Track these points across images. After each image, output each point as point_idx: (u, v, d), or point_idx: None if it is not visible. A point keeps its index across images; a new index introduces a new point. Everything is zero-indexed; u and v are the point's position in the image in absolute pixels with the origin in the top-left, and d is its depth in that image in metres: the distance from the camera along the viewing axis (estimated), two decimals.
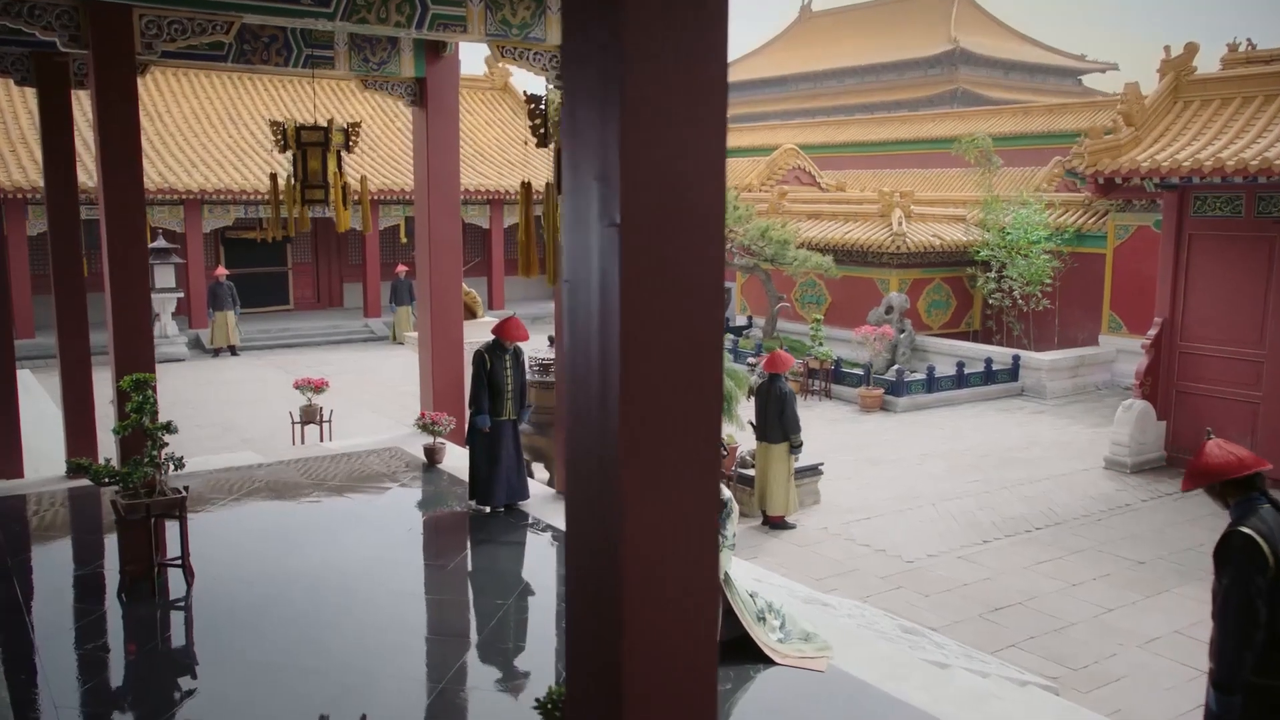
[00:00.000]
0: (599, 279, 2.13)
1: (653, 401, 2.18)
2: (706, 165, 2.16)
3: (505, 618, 6.84)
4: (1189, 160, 11.76)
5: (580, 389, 2.24)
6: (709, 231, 2.19)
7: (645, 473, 2.19)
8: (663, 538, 2.25)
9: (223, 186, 22.59)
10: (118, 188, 7.19)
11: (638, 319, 2.11)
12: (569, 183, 2.20)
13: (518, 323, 8.93)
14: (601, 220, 2.11)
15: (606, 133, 2.06)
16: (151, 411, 6.97)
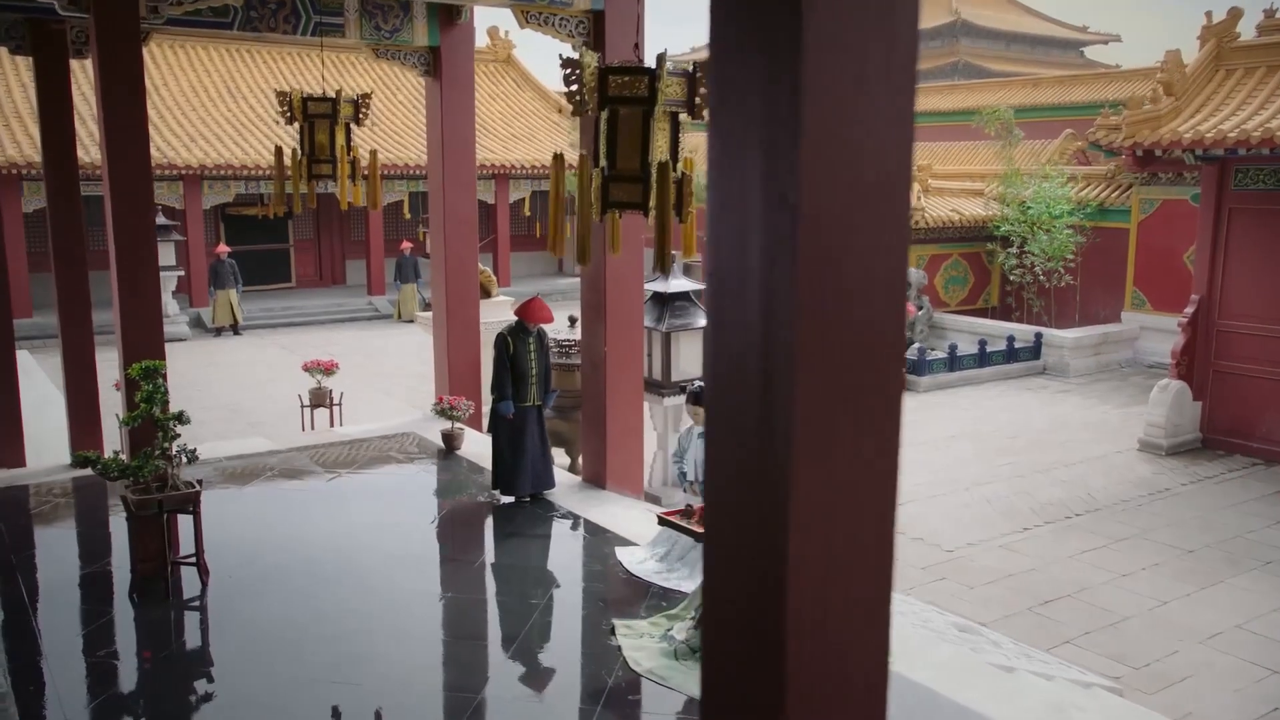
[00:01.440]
0: (762, 268, 1.70)
1: (829, 416, 1.76)
2: (896, 131, 1.73)
3: (540, 619, 6.45)
4: (1234, 131, 11.30)
5: (730, 400, 1.81)
6: (895, 212, 1.76)
7: (817, 508, 1.77)
8: (835, 578, 1.83)
9: (223, 162, 22.07)
10: (123, 163, 6.73)
11: (815, 319, 1.69)
12: (717, 154, 1.76)
13: (541, 303, 8.51)
14: (768, 199, 1.68)
15: (778, 91, 1.63)
16: (162, 401, 6.56)
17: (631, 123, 5.00)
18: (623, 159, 5.05)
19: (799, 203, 1.63)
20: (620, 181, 5.09)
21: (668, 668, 5.70)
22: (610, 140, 5.03)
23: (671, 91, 4.81)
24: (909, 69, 1.72)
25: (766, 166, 1.67)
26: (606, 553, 7.45)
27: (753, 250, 1.72)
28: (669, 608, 6.49)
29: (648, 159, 5.00)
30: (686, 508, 5.92)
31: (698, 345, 9.67)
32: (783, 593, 1.78)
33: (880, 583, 1.93)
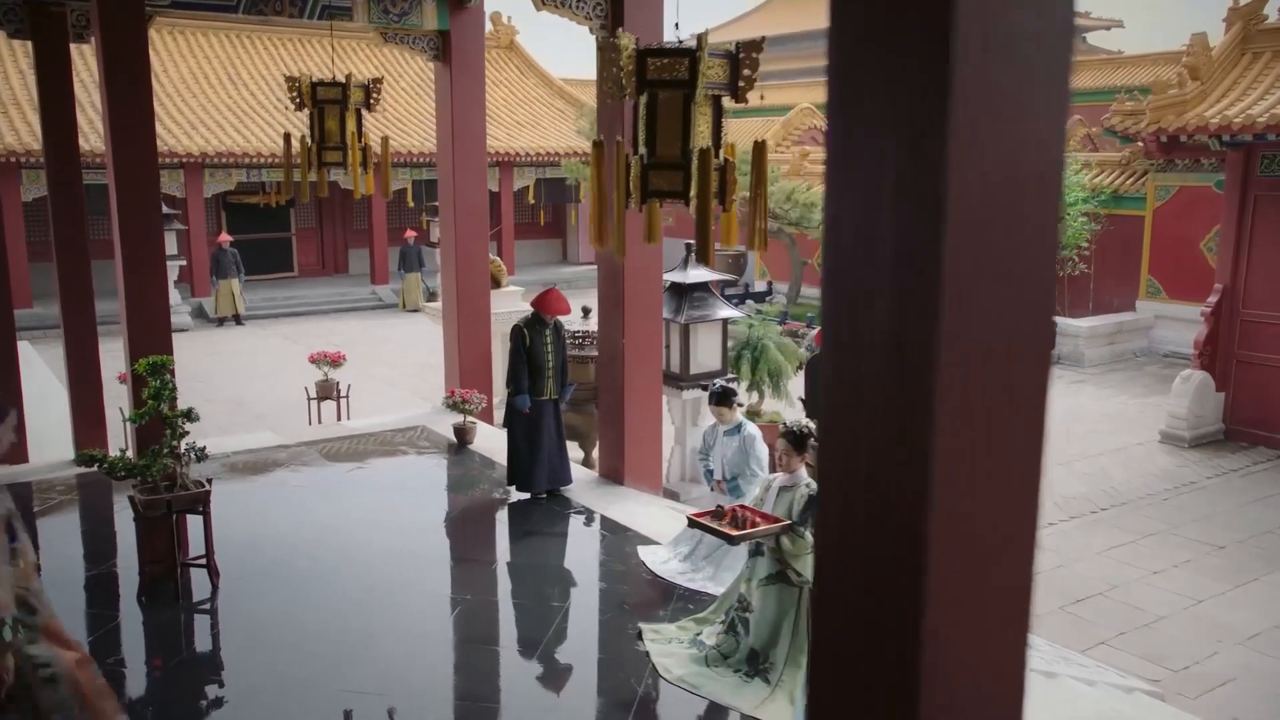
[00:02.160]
0: (896, 266, 1.47)
1: (974, 428, 1.53)
2: (1049, 118, 1.49)
3: (561, 623, 6.23)
4: (1264, 116, 11.03)
5: (855, 410, 1.58)
6: (1046, 208, 1.53)
7: (959, 530, 1.54)
8: (974, 613, 1.61)
9: (224, 149, 21.77)
10: (128, 151, 6.48)
11: (963, 321, 1.46)
12: (838, 141, 1.52)
13: (559, 295, 8.27)
14: (905, 190, 1.44)
15: (921, 72, 1.39)
16: (170, 397, 6.33)
17: (671, 107, 4.75)
18: (663, 145, 4.80)
19: (945, 204, 1.39)
20: (660, 169, 4.84)
21: (699, 675, 5.48)
22: (649, 126, 4.78)
23: (713, 74, 4.56)
24: (1063, 57, 1.49)
25: (909, 166, 1.43)
26: (628, 552, 7.23)
27: (885, 240, 1.48)
28: (696, 610, 6.27)
29: (689, 145, 4.75)
30: (717, 508, 5.69)
31: (717, 337, 9.44)
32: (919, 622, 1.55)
33: (1018, 619, 1.70)
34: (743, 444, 6.85)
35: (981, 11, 1.36)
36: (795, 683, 5.31)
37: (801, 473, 5.67)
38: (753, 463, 6.84)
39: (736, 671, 5.48)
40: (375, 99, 8.78)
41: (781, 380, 10.49)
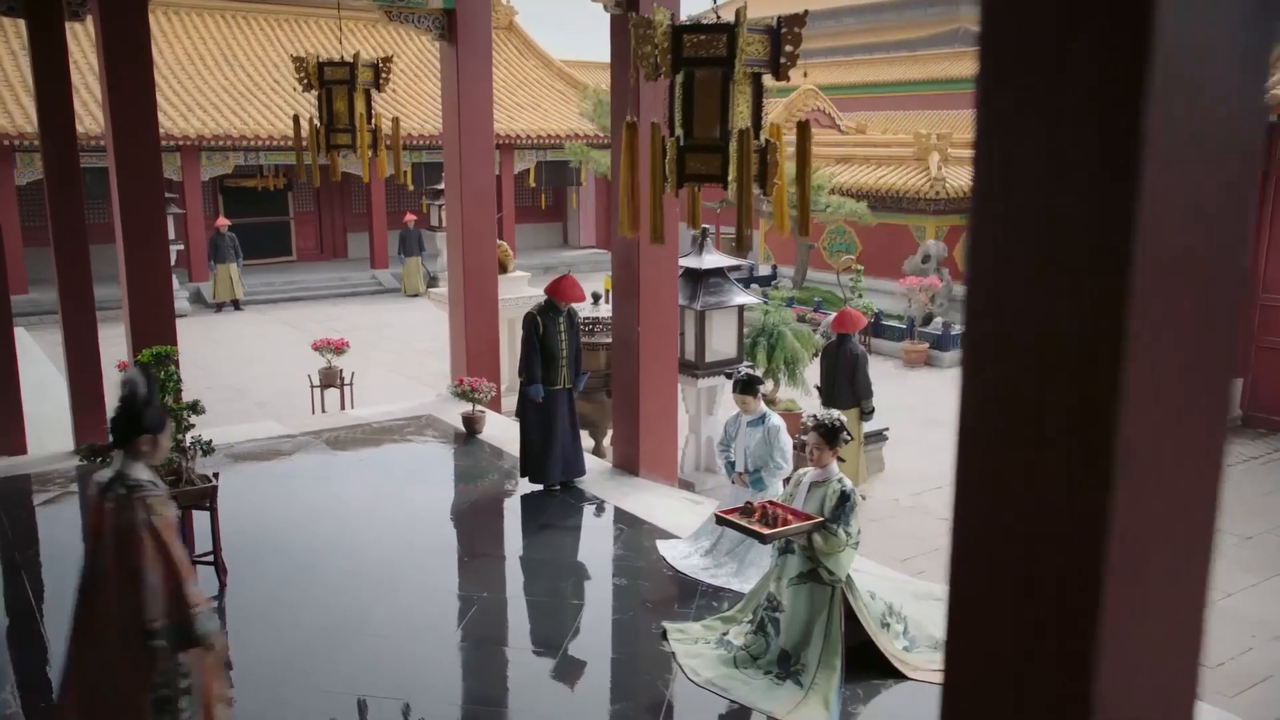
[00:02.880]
0: (1071, 279, 1.24)
1: (1158, 422, 1.31)
2: (1248, 99, 1.27)
3: (581, 621, 6.03)
4: None
5: (1007, 437, 1.36)
6: (1240, 198, 1.30)
7: (1132, 594, 1.33)
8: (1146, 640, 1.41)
9: (221, 132, 21.45)
10: (129, 133, 6.22)
11: (1154, 303, 1.24)
12: (989, 115, 1.29)
13: (573, 281, 8.03)
14: (1091, 166, 1.21)
15: (1112, 56, 1.16)
16: (175, 389, 6.10)
17: (709, 86, 4.50)
18: (700, 126, 4.55)
19: (1142, 193, 1.17)
20: (697, 151, 4.60)
21: (728, 677, 5.28)
22: (686, 106, 4.53)
23: (753, 50, 4.31)
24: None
25: (1096, 151, 1.20)
26: (647, 546, 7.03)
27: (1054, 256, 1.25)
28: (720, 608, 6.08)
29: (727, 126, 4.50)
30: (746, 505, 5.48)
31: (732, 324, 9.22)
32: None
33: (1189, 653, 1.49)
34: (767, 435, 6.62)
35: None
36: (829, 686, 5.11)
37: (833, 468, 5.46)
38: (776, 455, 6.62)
39: (767, 674, 5.28)
40: (385, 79, 8.51)
41: (798, 367, 10.27)
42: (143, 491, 3.60)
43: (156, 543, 3.55)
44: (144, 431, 3.71)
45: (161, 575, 3.54)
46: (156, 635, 3.53)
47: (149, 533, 3.55)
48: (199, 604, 3.59)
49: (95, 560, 3.65)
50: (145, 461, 3.72)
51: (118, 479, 3.65)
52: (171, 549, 3.58)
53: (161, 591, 3.53)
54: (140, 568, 3.52)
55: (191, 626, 3.56)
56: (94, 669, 3.66)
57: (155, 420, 3.75)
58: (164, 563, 3.55)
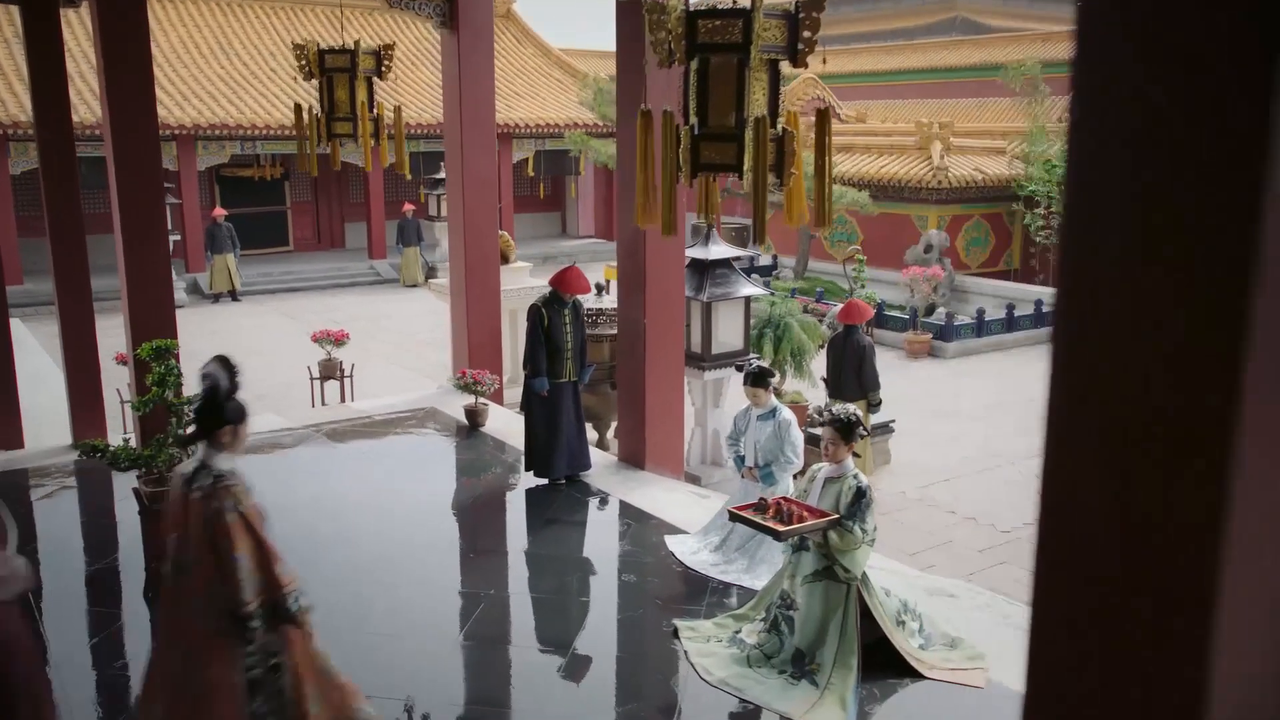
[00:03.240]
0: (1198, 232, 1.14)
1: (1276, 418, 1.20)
2: None
3: (589, 619, 5.94)
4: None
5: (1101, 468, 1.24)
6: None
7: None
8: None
9: (217, 121, 21.26)
10: (128, 124, 6.09)
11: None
12: (1091, 94, 1.18)
13: (579, 273, 7.91)
14: (1211, 152, 1.10)
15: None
16: (176, 384, 5.99)
17: (724, 73, 4.37)
18: (715, 114, 4.43)
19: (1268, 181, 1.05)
20: (712, 140, 4.48)
21: (742, 677, 5.19)
22: (701, 94, 4.40)
23: (769, 36, 4.19)
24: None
25: (1218, 136, 1.09)
26: (655, 542, 6.92)
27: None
28: (732, 605, 5.98)
29: (743, 114, 4.38)
30: (760, 501, 5.38)
31: (739, 316, 9.10)
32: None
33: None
34: (778, 429, 6.51)
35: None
36: (846, 685, 5.01)
37: (849, 463, 5.36)
38: (787, 449, 6.51)
39: (781, 673, 5.19)
40: (387, 67, 8.37)
41: (804, 359, 10.16)
42: (227, 481, 3.76)
43: (245, 528, 3.71)
44: (226, 423, 3.83)
45: (252, 559, 3.69)
46: (253, 616, 3.69)
47: (237, 519, 3.70)
48: (290, 583, 3.77)
49: (180, 551, 3.79)
50: (227, 452, 3.86)
51: (203, 470, 3.80)
52: (259, 533, 3.74)
53: (254, 574, 3.68)
54: (232, 553, 3.66)
55: (285, 605, 3.74)
56: (180, 657, 3.81)
57: (237, 412, 3.88)
58: (254, 546, 3.70)
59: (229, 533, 3.67)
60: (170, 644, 3.90)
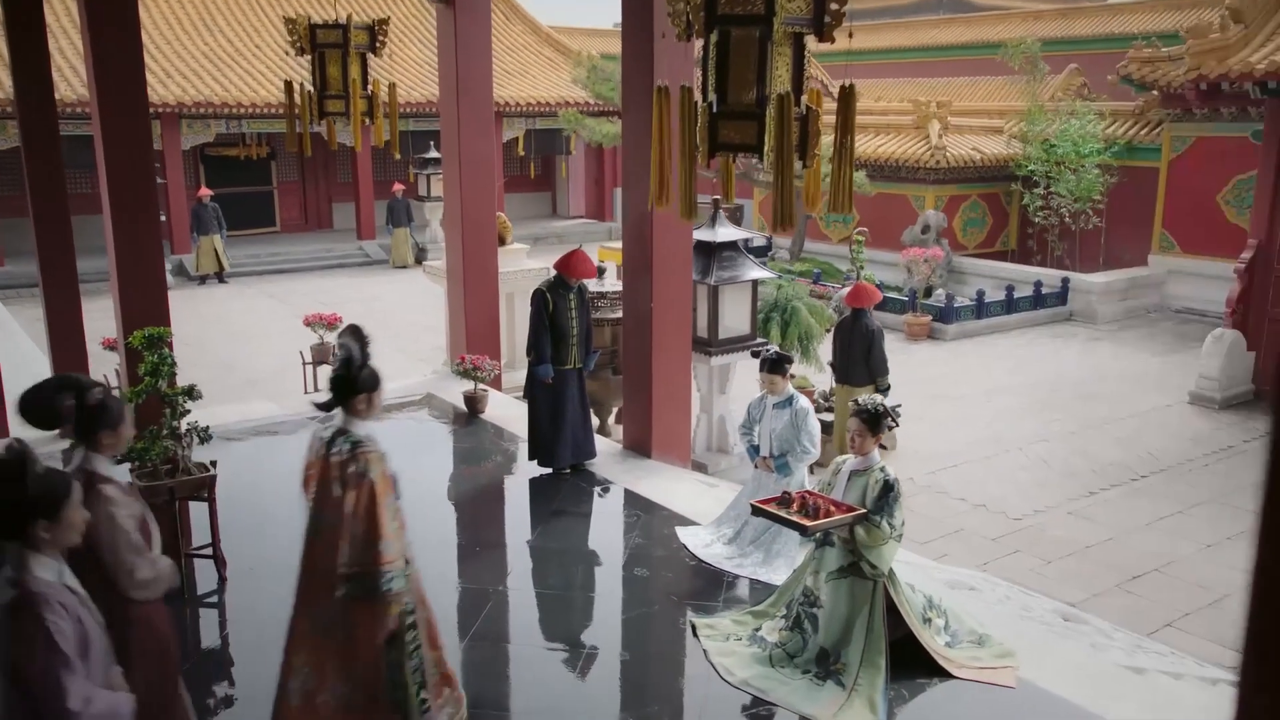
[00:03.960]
0: None
1: None
2: None
3: (602, 615, 5.73)
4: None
5: None
6: None
7: None
8: None
9: (202, 99, 20.82)
10: (116, 98, 5.79)
11: None
12: None
13: (584, 256, 7.67)
14: None
15: None
16: (169, 374, 5.73)
17: (745, 47, 4.13)
18: (735, 91, 4.18)
19: None
20: (731, 119, 4.24)
21: (765, 677, 5.00)
22: (720, 69, 4.16)
23: (793, 8, 3.94)
24: None
25: None
26: (666, 534, 6.72)
27: None
28: (750, 601, 5.80)
29: (764, 91, 4.14)
30: (784, 495, 5.17)
31: (746, 299, 8.88)
32: None
33: None
34: (794, 418, 6.31)
35: None
36: (874, 686, 4.83)
37: (875, 456, 5.16)
38: (804, 438, 6.31)
39: (805, 673, 5.00)
40: (381, 42, 8.08)
41: (811, 343, 9.96)
42: (363, 447, 3.87)
43: (370, 497, 3.79)
44: (360, 391, 3.94)
45: (364, 528, 3.78)
46: (345, 581, 3.78)
47: (367, 485, 3.80)
48: (391, 563, 3.79)
49: (318, 509, 3.93)
50: (362, 419, 3.97)
51: (341, 435, 3.92)
52: (381, 505, 3.81)
53: (360, 542, 3.77)
54: (351, 517, 3.78)
55: (377, 582, 3.77)
56: (319, 612, 3.94)
57: (370, 380, 3.97)
58: (369, 517, 3.78)
59: (355, 497, 3.79)
60: (308, 600, 4.00)
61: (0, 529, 2.70)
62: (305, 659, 4.01)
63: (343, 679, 3.92)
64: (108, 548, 3.38)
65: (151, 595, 3.49)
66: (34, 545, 2.71)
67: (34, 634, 2.60)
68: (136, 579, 3.39)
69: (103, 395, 3.56)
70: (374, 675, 3.91)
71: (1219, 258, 16.73)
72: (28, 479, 2.69)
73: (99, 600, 2.97)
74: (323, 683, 3.95)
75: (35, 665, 2.59)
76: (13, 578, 2.68)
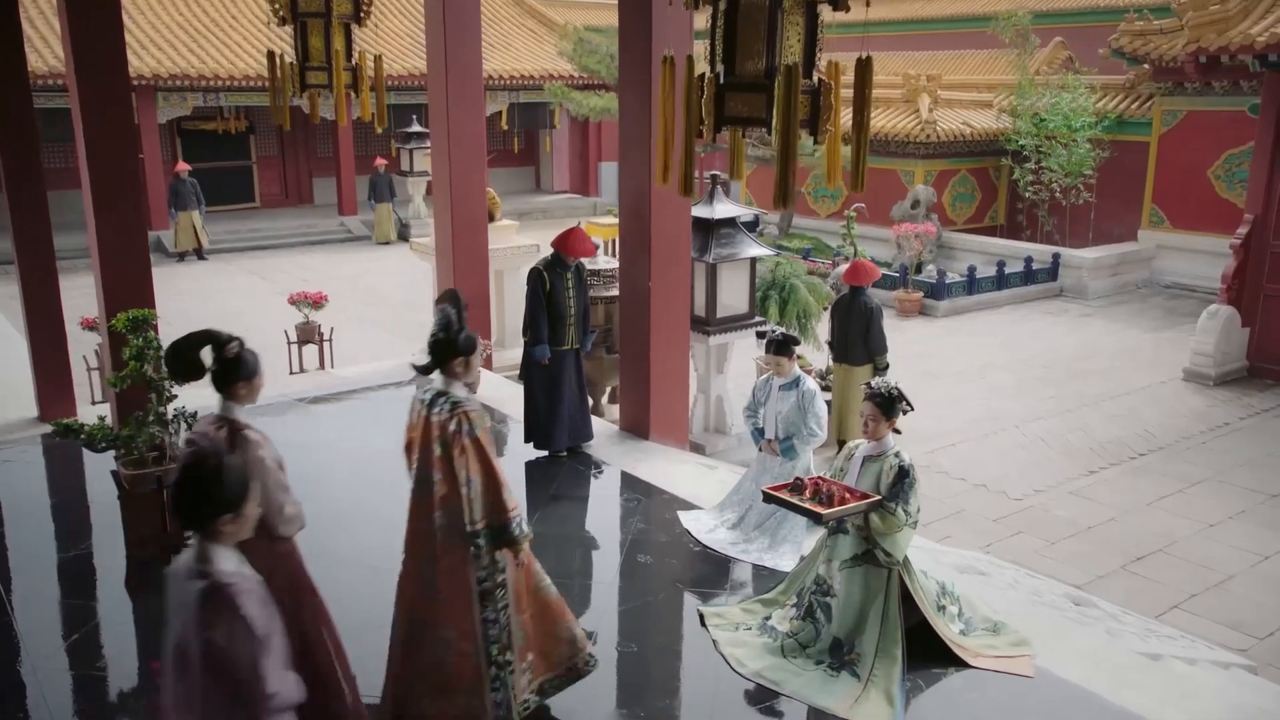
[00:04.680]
0: None
1: None
2: None
3: (607, 604, 5.58)
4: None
5: None
6: None
7: None
8: None
9: (178, 71, 20.37)
10: (95, 71, 5.52)
11: None
12: None
13: (582, 234, 7.46)
14: None
15: None
16: (155, 358, 5.51)
17: (754, 15, 3.92)
18: (743, 61, 3.98)
19: None
20: (738, 91, 4.04)
21: (778, 669, 4.86)
22: (728, 37, 3.95)
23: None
24: None
25: None
26: (668, 518, 6.57)
27: None
28: (757, 588, 5.66)
29: (774, 62, 3.94)
30: (796, 481, 5.01)
31: (744, 277, 8.72)
32: None
33: None
34: (800, 400, 6.16)
35: None
36: (890, 677, 4.70)
37: (889, 440, 5.01)
38: (811, 421, 6.16)
39: (819, 664, 4.87)
40: (366, 11, 7.78)
41: (809, 322, 9.80)
42: (464, 406, 3.97)
43: (478, 452, 3.91)
44: (459, 354, 4.05)
45: (481, 482, 3.91)
46: (478, 535, 3.93)
47: (471, 442, 3.90)
48: (515, 508, 3.98)
49: (422, 470, 4.05)
50: (461, 380, 4.09)
51: (440, 397, 4.03)
52: (491, 458, 3.94)
53: (483, 496, 3.91)
54: (464, 475, 3.90)
55: (508, 529, 3.96)
56: (424, 565, 4.10)
57: (469, 344, 4.08)
58: (484, 470, 3.92)
59: (463, 455, 3.89)
60: (414, 553, 4.16)
61: (189, 522, 2.87)
62: (409, 609, 4.18)
63: (446, 630, 4.08)
64: (260, 489, 3.51)
65: (294, 531, 3.94)
66: (215, 538, 2.86)
67: (232, 621, 2.74)
68: (285, 514, 3.82)
69: (239, 349, 3.96)
70: (471, 628, 4.06)
71: (1209, 233, 16.69)
72: (223, 477, 2.84)
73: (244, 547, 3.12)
74: (427, 633, 4.12)
75: (237, 652, 2.74)
76: (200, 570, 2.82)
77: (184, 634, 2.80)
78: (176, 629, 2.83)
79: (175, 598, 2.87)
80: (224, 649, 2.72)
